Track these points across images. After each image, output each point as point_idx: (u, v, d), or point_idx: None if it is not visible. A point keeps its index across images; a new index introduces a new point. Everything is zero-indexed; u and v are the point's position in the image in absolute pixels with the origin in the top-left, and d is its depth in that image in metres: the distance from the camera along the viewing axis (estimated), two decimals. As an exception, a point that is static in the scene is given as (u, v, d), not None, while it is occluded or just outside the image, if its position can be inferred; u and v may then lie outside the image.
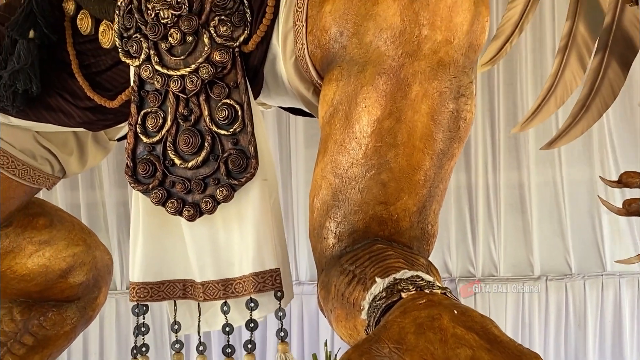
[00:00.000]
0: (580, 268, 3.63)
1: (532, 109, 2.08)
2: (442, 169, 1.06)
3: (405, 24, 0.99)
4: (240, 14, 1.14)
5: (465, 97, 1.03)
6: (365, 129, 1.02)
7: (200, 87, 1.14)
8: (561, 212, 3.69)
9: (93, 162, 1.49)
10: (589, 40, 1.99)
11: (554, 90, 2.05)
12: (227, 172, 1.14)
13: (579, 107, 2.06)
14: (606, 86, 1.96)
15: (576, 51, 2.03)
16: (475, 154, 3.76)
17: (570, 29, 1.99)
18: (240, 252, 1.15)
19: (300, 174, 3.83)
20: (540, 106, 2.07)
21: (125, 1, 1.17)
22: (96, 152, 1.48)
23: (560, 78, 2.04)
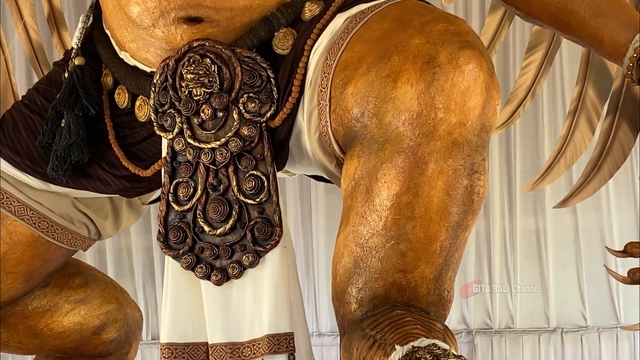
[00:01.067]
0: (595, 320, 3.66)
1: (543, 169, 2.16)
2: (457, 239, 1.13)
3: (422, 107, 1.06)
4: (267, 91, 1.22)
5: (479, 173, 1.11)
6: (385, 203, 1.10)
7: (229, 159, 1.22)
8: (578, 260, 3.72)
9: (127, 225, 1.57)
10: (597, 104, 2.06)
11: (564, 151, 2.12)
12: (253, 239, 1.22)
13: (591, 167, 2.13)
14: (617, 147, 2.03)
15: (585, 114, 2.10)
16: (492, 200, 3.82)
17: (579, 92, 2.07)
18: (252, 316, 1.21)
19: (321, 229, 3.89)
20: (551, 166, 2.14)
21: (160, 79, 1.25)
22: (130, 216, 1.56)
23: (570, 140, 2.12)
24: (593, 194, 2.08)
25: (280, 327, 1.20)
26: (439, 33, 1.09)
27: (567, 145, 2.13)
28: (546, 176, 2.17)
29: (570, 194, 2.12)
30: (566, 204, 2.12)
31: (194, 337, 1.27)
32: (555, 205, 2.18)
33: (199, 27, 1.24)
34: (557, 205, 2.14)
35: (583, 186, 2.12)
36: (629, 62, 1.24)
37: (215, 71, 1.22)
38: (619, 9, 1.28)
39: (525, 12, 1.37)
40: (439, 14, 1.14)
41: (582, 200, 2.11)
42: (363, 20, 1.18)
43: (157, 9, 1.23)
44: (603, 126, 2.02)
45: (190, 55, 1.23)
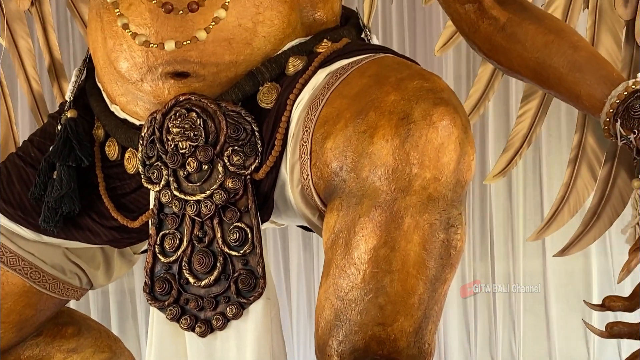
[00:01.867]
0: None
1: (546, 218, 2.15)
2: (435, 292, 1.14)
3: (397, 163, 1.08)
4: (252, 144, 1.25)
5: (455, 227, 1.12)
6: (363, 256, 1.11)
7: (214, 211, 1.24)
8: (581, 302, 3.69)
9: (118, 274, 1.59)
10: (598, 152, 2.06)
11: (567, 199, 2.11)
12: (237, 291, 1.23)
13: (590, 215, 2.12)
14: (616, 195, 2.02)
15: (587, 162, 2.10)
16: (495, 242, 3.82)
17: (579, 140, 2.07)
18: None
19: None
20: (554, 215, 2.13)
21: (148, 132, 1.28)
22: (122, 265, 1.58)
23: (572, 188, 2.11)
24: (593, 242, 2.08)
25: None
26: (414, 90, 1.10)
27: (570, 193, 2.13)
28: (550, 225, 2.17)
29: (571, 243, 2.11)
30: (566, 253, 2.11)
31: None
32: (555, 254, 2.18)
33: (186, 81, 1.26)
34: (557, 254, 2.13)
35: (583, 234, 2.11)
36: (606, 117, 1.26)
37: (201, 125, 1.24)
38: (597, 64, 1.29)
39: (506, 66, 1.39)
40: (415, 70, 1.16)
41: (582, 249, 2.10)
42: (343, 76, 1.20)
43: (145, 65, 1.26)
44: (601, 174, 2.02)
45: (177, 109, 1.25)
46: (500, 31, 1.38)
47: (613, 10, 2.06)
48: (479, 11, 1.40)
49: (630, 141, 1.24)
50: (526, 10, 1.37)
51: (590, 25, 2.08)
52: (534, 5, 1.39)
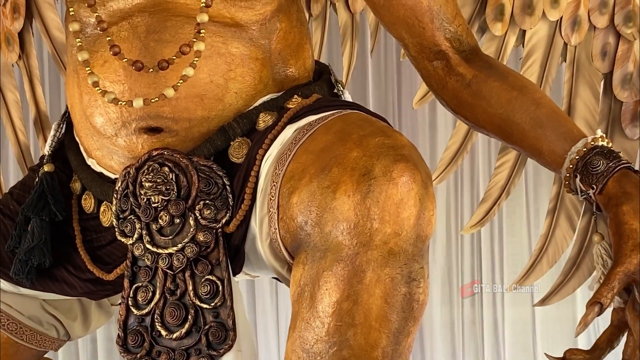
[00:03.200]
0: None
1: (526, 268, 2.16)
2: (399, 345, 1.15)
3: (358, 218, 1.10)
4: (223, 198, 1.27)
5: (417, 281, 1.14)
6: (327, 310, 1.13)
7: (186, 264, 1.26)
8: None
9: (96, 325, 1.60)
10: (576, 202, 2.09)
11: (545, 250, 2.13)
12: (207, 343, 1.25)
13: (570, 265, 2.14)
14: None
15: (565, 213, 2.12)
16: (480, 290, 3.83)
17: (557, 191, 2.10)
18: None
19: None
20: (534, 265, 2.15)
21: (122, 186, 1.30)
22: (99, 317, 1.59)
23: (551, 238, 2.13)
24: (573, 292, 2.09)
25: None
26: (376, 146, 1.13)
27: (549, 243, 2.15)
28: (529, 275, 2.18)
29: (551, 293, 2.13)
30: (546, 303, 2.13)
31: None
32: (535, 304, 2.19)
33: (159, 136, 1.29)
34: (537, 303, 2.14)
35: (563, 284, 2.13)
36: (566, 173, 1.28)
37: (173, 179, 1.27)
38: (557, 121, 1.32)
39: (472, 122, 1.42)
40: (378, 127, 1.19)
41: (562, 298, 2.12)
42: (310, 132, 1.23)
43: (120, 120, 1.29)
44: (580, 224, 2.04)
45: (150, 163, 1.28)
46: (467, 88, 1.41)
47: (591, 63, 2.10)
48: (447, 68, 1.43)
49: (590, 196, 1.26)
50: (491, 68, 1.41)
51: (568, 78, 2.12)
52: (499, 62, 1.43)
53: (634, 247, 1.18)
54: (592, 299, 1.17)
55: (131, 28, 1.28)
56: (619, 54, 2.09)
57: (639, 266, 1.17)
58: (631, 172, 1.25)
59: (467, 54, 1.43)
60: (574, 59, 2.09)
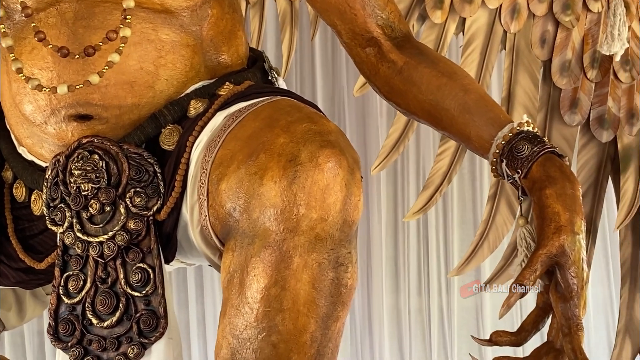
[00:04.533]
0: None
1: (467, 254, 2.20)
2: (328, 330, 1.16)
3: (285, 204, 1.11)
4: (154, 186, 1.27)
5: (345, 266, 1.15)
6: (255, 296, 1.13)
7: (116, 252, 1.25)
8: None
9: (32, 315, 1.59)
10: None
11: (486, 235, 2.16)
12: (139, 331, 1.24)
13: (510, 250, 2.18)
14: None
15: (505, 199, 2.15)
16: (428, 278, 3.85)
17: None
18: None
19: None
20: (474, 251, 2.18)
21: (52, 174, 1.29)
22: (35, 306, 1.58)
23: (491, 224, 2.16)
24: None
25: None
26: (302, 132, 1.14)
27: (489, 229, 2.18)
28: (470, 261, 2.22)
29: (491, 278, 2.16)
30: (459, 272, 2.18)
31: None
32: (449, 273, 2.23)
33: (89, 124, 1.28)
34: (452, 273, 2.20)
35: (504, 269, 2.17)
36: (493, 158, 1.30)
37: (103, 167, 1.26)
38: (485, 107, 1.33)
39: (404, 108, 1.43)
40: (305, 113, 1.19)
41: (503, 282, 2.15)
42: (239, 118, 1.23)
43: (49, 107, 1.28)
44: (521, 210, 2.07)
45: (80, 151, 1.27)
46: (398, 74, 1.41)
47: (530, 51, 2.13)
48: (379, 55, 1.44)
49: (516, 180, 1.28)
50: (422, 54, 1.42)
51: (507, 65, 2.15)
52: (430, 49, 1.43)
53: (556, 230, 1.20)
54: (515, 282, 1.18)
55: (59, 14, 1.27)
56: (558, 41, 2.12)
57: (560, 249, 1.19)
58: (555, 157, 1.27)
59: (399, 40, 1.44)
60: (513, 46, 2.12)
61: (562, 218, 1.20)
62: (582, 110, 2.14)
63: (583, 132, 2.18)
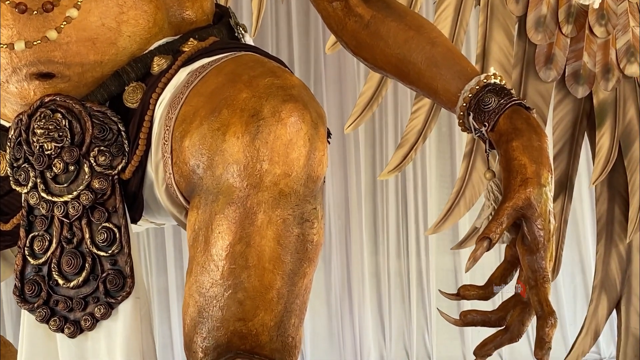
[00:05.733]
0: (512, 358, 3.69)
1: (443, 212, 2.19)
2: (295, 286, 1.15)
3: (248, 159, 1.09)
4: (118, 144, 1.25)
5: (310, 222, 1.14)
6: (220, 253, 1.12)
7: (81, 212, 1.24)
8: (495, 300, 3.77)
9: (3, 277, 1.57)
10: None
11: (462, 193, 2.16)
12: (105, 291, 1.23)
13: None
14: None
15: (481, 155, 2.15)
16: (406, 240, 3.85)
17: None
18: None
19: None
20: (451, 209, 2.18)
21: (15, 134, 1.27)
22: (5, 269, 1.56)
23: (468, 181, 2.16)
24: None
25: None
26: (265, 87, 1.12)
27: (466, 187, 2.18)
28: (447, 218, 2.21)
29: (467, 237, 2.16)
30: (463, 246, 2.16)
31: None
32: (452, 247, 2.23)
33: (51, 82, 1.26)
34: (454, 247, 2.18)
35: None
36: (460, 111, 1.28)
37: (66, 125, 1.24)
38: (452, 60, 1.32)
39: (371, 63, 1.41)
40: (268, 68, 1.17)
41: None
42: (202, 74, 1.21)
43: (10, 66, 1.25)
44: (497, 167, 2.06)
45: (42, 110, 1.25)
46: (365, 28, 1.40)
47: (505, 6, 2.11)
48: (346, 9, 1.42)
49: (483, 134, 1.26)
50: (389, 8, 1.40)
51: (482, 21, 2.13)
52: (398, 2, 1.41)
53: (522, 182, 1.18)
54: (481, 234, 1.18)
55: None
56: (533, -4, 2.10)
57: (527, 201, 1.18)
58: (522, 109, 1.25)
59: (367, -6, 1.42)
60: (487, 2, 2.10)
61: (528, 170, 1.19)
62: (558, 66, 2.13)
63: (558, 88, 2.17)
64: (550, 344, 1.18)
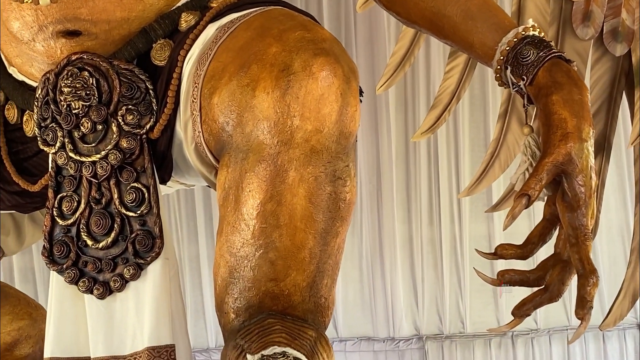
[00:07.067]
0: (546, 322, 3.64)
1: (477, 174, 2.15)
2: (327, 246, 1.12)
3: (278, 116, 1.06)
4: (146, 103, 1.22)
5: (342, 179, 1.11)
6: (251, 212, 1.10)
7: (110, 172, 1.22)
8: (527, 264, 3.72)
9: (31, 241, 1.56)
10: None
11: (497, 154, 2.12)
12: (134, 251, 1.21)
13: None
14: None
15: (516, 116, 2.10)
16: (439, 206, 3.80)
17: (509, 95, 2.07)
18: (134, 329, 1.21)
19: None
20: (485, 171, 2.14)
21: (42, 93, 1.25)
22: (34, 231, 1.55)
23: (502, 143, 2.11)
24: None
25: (161, 339, 1.19)
26: (295, 41, 1.09)
27: (500, 148, 2.13)
28: (481, 181, 2.17)
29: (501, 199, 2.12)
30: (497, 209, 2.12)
31: (78, 352, 1.26)
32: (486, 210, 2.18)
33: (78, 40, 1.24)
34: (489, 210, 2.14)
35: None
36: (497, 65, 1.24)
37: (93, 84, 1.22)
38: (489, 12, 1.27)
39: (404, 17, 1.37)
40: (299, 21, 1.14)
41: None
42: (230, 29, 1.18)
43: (36, 24, 1.23)
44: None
45: (69, 68, 1.23)
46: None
47: (541, -38, 2.04)
48: None
49: (521, 88, 1.22)
50: None
51: (518, -21, 2.07)
52: (432, -46, 1.37)
53: (563, 137, 1.14)
54: (520, 191, 1.14)
55: None
56: (571, -49, 2.04)
57: (567, 156, 1.14)
58: (562, 61, 1.21)
59: (401, -55, 1.37)
60: (524, -41, 2.04)
61: (569, 124, 1.15)
62: (595, 23, 2.07)
63: (596, 46, 2.11)
64: (592, 303, 1.14)
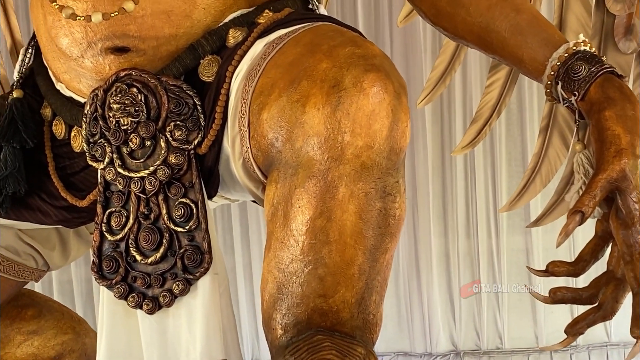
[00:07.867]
0: (585, 338, 3.60)
1: (518, 189, 2.13)
2: (376, 262, 1.12)
3: (329, 132, 1.06)
4: (194, 119, 1.23)
5: (392, 195, 1.10)
6: (300, 228, 1.09)
7: (158, 187, 1.22)
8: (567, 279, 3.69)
9: (76, 255, 1.58)
10: (569, 119, 2.04)
11: (538, 169, 2.10)
12: (183, 267, 1.22)
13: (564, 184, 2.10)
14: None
15: (558, 130, 2.08)
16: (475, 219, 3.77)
17: (550, 109, 2.05)
18: (187, 345, 1.21)
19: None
20: (527, 186, 2.12)
21: (90, 109, 1.26)
22: (79, 246, 1.57)
23: (544, 157, 2.10)
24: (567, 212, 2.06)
25: (213, 354, 1.19)
26: (346, 57, 1.08)
27: (542, 163, 2.12)
28: (522, 195, 2.16)
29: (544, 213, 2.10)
30: (540, 223, 2.10)
31: None
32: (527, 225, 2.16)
33: (126, 56, 1.25)
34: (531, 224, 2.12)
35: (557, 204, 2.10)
36: (547, 80, 1.23)
37: (142, 100, 1.22)
38: (538, 27, 1.26)
39: (451, 32, 1.36)
40: (348, 37, 1.14)
41: (555, 219, 2.09)
42: (279, 45, 1.18)
43: (85, 40, 1.24)
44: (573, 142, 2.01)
45: (118, 85, 1.24)
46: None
47: (582, -24, 2.03)
48: None
49: (572, 103, 1.21)
50: None
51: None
52: (478, -30, 1.36)
53: (617, 154, 1.13)
54: (574, 208, 1.13)
55: None
56: (612, -36, 2.02)
57: (621, 173, 1.13)
58: (614, 77, 1.19)
59: (446, -39, 1.37)
60: (564, -28, 2.03)
61: (622, 140, 1.13)
62: (638, 37, 2.05)
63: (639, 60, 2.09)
64: None
